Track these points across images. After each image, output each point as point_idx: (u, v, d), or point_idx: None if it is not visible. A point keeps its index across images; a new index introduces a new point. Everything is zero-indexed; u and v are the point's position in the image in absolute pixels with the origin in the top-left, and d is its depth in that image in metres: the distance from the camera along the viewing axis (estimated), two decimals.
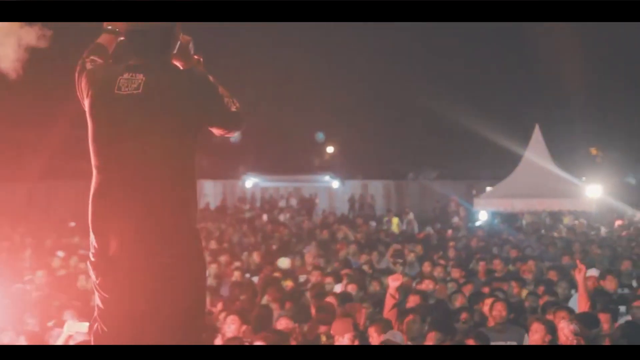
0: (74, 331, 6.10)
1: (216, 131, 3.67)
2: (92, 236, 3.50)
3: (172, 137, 3.39)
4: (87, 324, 5.75)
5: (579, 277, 7.98)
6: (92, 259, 3.50)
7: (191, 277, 3.47)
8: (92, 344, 3.58)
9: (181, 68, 3.70)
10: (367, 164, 39.39)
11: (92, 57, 3.73)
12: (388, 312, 7.76)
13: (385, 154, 37.74)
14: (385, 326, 7.11)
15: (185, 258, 3.44)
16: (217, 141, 4.03)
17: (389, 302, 7.82)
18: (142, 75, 3.43)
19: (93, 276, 3.51)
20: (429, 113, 36.61)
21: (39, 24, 4.14)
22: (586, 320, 6.86)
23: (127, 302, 3.44)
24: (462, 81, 39.09)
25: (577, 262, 8.64)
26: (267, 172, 37.79)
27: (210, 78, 3.54)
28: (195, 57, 3.79)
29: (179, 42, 3.65)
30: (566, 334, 6.36)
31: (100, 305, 3.51)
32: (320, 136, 42.08)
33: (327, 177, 38.95)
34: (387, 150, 38.05)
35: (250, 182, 37.27)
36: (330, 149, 44.93)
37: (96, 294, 3.54)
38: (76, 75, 3.70)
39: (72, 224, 21.67)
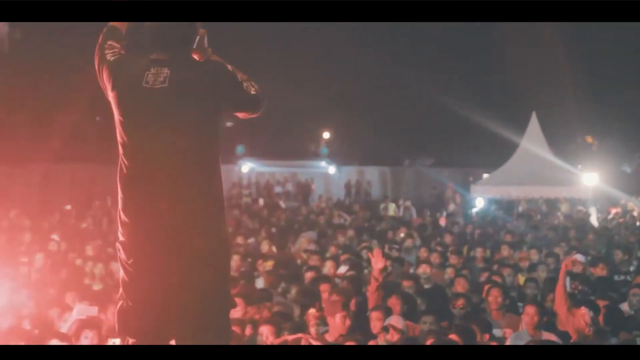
0: (84, 315, 6.19)
1: (239, 115, 3.88)
2: (122, 216, 3.69)
3: (198, 125, 3.60)
4: (97, 307, 5.84)
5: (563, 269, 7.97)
6: (122, 239, 3.71)
7: (217, 256, 3.69)
8: (118, 321, 3.79)
9: (198, 60, 3.86)
10: (363, 150, 39.37)
11: (108, 43, 3.88)
12: (371, 294, 7.76)
13: (382, 140, 37.69)
14: (387, 312, 7.16)
15: (211, 239, 3.65)
16: None
17: (372, 284, 7.81)
18: (167, 69, 3.62)
19: (123, 255, 3.71)
20: (425, 100, 36.59)
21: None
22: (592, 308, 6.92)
23: (154, 281, 3.67)
24: (459, 68, 39.10)
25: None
26: (263, 157, 37.74)
27: (229, 67, 3.72)
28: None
29: (198, 36, 3.82)
30: (586, 320, 6.50)
31: (128, 282, 3.73)
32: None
33: (323, 163, 38.94)
34: (384, 137, 37.99)
35: (247, 167, 37.20)
36: (326, 135, 44.90)
37: (122, 272, 3.75)
38: (96, 63, 3.86)
39: (68, 207, 21.67)
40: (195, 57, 3.88)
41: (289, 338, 6.37)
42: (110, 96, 3.74)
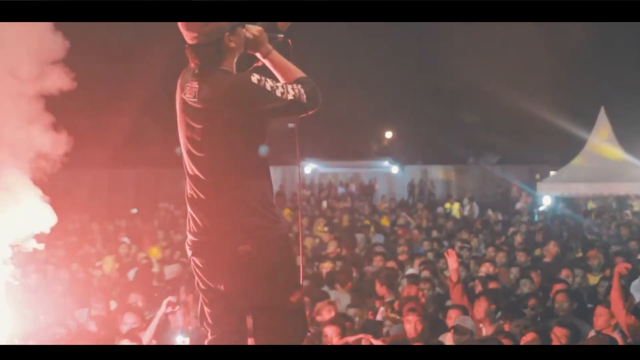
0: (175, 309, 6.36)
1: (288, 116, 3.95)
2: (189, 220, 3.92)
3: (228, 137, 3.71)
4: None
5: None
6: (191, 238, 3.91)
7: (274, 259, 3.81)
8: (200, 317, 4.07)
9: (259, 57, 3.96)
10: (426, 148, 39.02)
11: None
12: (452, 291, 7.90)
13: (445, 139, 37.32)
14: (465, 311, 7.13)
15: (259, 240, 3.76)
16: (274, 127, 4.30)
17: (450, 284, 7.97)
18: (196, 83, 3.76)
19: (190, 254, 3.95)
20: (489, 96, 36.06)
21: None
22: None
23: (221, 281, 3.86)
24: (524, 63, 38.41)
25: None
26: (326, 157, 37.71)
27: (254, 78, 3.68)
28: (280, 36, 4.03)
29: (240, 43, 3.82)
30: None
31: (199, 282, 3.98)
32: None
33: (386, 163, 38.75)
34: (447, 135, 37.60)
35: (309, 167, 37.27)
36: (389, 134, 44.67)
37: (195, 271, 3.99)
38: None
39: (134, 210, 22.02)
40: (258, 55, 3.94)
41: (350, 339, 6.36)
42: None
